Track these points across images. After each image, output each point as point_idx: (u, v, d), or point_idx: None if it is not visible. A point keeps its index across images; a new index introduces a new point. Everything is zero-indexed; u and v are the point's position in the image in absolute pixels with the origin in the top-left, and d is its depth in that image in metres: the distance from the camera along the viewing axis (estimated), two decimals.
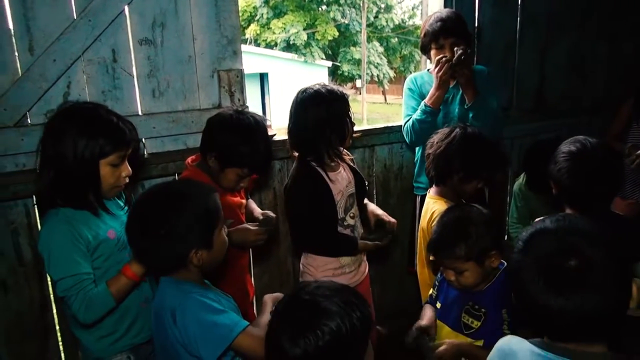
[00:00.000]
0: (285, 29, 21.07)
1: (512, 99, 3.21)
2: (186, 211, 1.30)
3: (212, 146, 1.73)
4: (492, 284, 1.57)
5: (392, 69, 24.44)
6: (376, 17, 23.53)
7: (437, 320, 1.70)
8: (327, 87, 1.87)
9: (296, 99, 1.88)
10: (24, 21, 1.77)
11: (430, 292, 1.80)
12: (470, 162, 1.88)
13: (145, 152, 2.05)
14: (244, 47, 2.57)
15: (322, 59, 21.53)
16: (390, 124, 2.74)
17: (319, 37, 21.72)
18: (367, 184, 2.17)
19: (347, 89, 16.54)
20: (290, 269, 2.57)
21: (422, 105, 2.30)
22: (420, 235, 2.05)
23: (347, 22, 22.38)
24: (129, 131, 1.51)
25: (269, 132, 1.82)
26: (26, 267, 1.91)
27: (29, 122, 1.84)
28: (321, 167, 1.89)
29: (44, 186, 1.47)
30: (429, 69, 2.51)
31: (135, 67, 2.00)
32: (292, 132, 1.92)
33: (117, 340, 1.59)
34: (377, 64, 23.10)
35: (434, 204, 1.96)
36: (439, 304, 1.71)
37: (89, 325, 1.49)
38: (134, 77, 2.00)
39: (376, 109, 23.72)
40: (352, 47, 22.99)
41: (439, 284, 1.74)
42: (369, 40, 22.66)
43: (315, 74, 19.59)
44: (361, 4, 20.86)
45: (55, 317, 2.00)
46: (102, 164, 1.47)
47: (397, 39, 24.43)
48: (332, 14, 21.87)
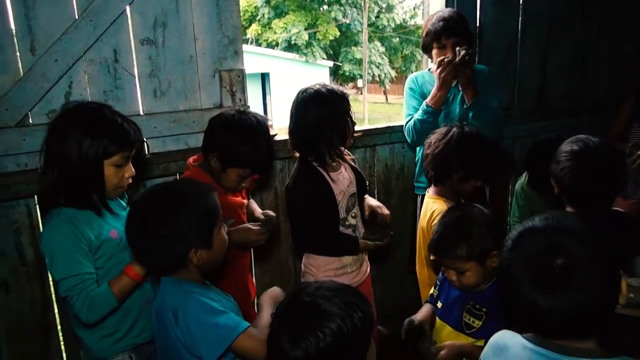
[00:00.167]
0: (286, 28, 21.08)
1: (514, 98, 3.20)
2: (185, 211, 1.30)
3: (214, 146, 1.73)
4: (493, 284, 1.57)
5: (393, 68, 24.42)
6: (377, 16, 23.53)
7: (438, 320, 1.70)
8: (328, 87, 1.86)
9: (297, 99, 1.88)
10: (26, 21, 1.78)
11: (431, 291, 1.80)
12: (469, 160, 1.88)
13: (147, 153, 2.05)
14: (245, 47, 2.57)
15: (323, 58, 21.53)
16: (391, 124, 2.74)
17: (320, 37, 21.72)
18: (367, 183, 2.17)
19: (348, 89, 16.51)
20: (291, 269, 2.57)
21: (423, 105, 2.30)
22: (419, 234, 2.05)
23: (348, 21, 22.38)
24: (133, 132, 1.51)
25: (271, 132, 1.82)
26: (28, 267, 1.91)
27: (31, 122, 1.84)
28: (322, 167, 1.89)
29: (47, 186, 1.47)
30: (429, 69, 2.50)
31: (136, 67, 2.00)
32: (293, 132, 1.92)
33: (119, 340, 1.59)
34: (379, 63, 23.10)
35: (433, 204, 1.96)
36: (440, 304, 1.71)
37: (91, 324, 1.49)
38: (135, 77, 2.00)
39: (377, 109, 23.72)
40: (353, 47, 22.98)
41: (439, 284, 1.74)
42: (370, 40, 22.65)
43: (316, 73, 19.58)
44: (362, 4, 20.86)
45: (56, 316, 2.00)
46: (106, 164, 1.47)
47: (398, 39, 24.42)
48: (333, 14, 21.87)
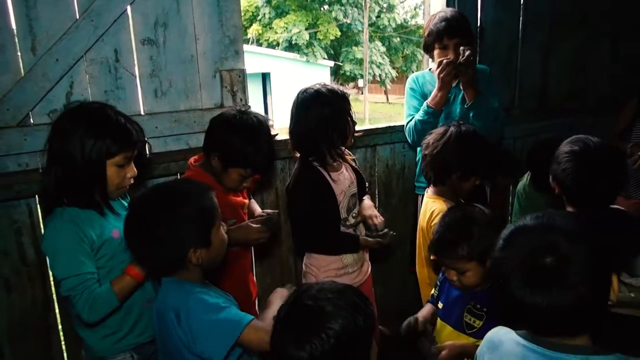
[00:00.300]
0: (287, 28, 21.07)
1: (515, 98, 3.20)
2: (181, 211, 1.30)
3: (215, 146, 1.73)
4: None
5: (394, 68, 24.41)
6: (378, 16, 23.53)
7: (438, 320, 1.70)
8: (328, 87, 1.87)
9: (297, 99, 1.89)
10: (27, 21, 1.77)
11: (432, 291, 1.80)
12: (467, 159, 1.88)
13: (148, 153, 2.05)
14: (246, 47, 2.57)
15: (324, 58, 21.52)
16: (392, 124, 2.73)
17: (321, 37, 21.71)
18: (367, 184, 2.17)
19: (349, 89, 16.53)
20: (292, 269, 2.57)
21: (424, 105, 2.30)
22: (419, 234, 2.05)
23: (349, 21, 22.37)
24: (135, 132, 1.52)
25: (272, 132, 1.82)
26: (29, 267, 1.91)
27: (32, 122, 1.84)
28: (323, 167, 1.89)
29: (50, 185, 1.47)
30: (430, 68, 2.50)
31: (137, 67, 2.00)
32: (294, 132, 1.92)
33: (120, 339, 1.59)
34: (379, 63, 23.09)
35: (433, 204, 1.96)
36: (440, 304, 1.71)
37: (93, 324, 1.50)
38: (136, 77, 2.00)
39: (378, 109, 23.71)
40: (354, 47, 22.97)
41: (440, 284, 1.74)
42: (371, 39, 22.63)
43: (317, 73, 19.57)
44: (363, 4, 20.83)
45: (58, 316, 2.00)
46: (108, 164, 1.47)
47: (399, 39, 24.41)
48: (334, 14, 21.87)
